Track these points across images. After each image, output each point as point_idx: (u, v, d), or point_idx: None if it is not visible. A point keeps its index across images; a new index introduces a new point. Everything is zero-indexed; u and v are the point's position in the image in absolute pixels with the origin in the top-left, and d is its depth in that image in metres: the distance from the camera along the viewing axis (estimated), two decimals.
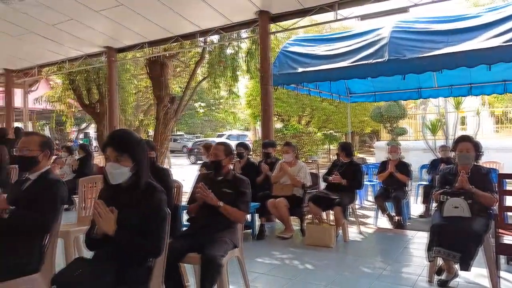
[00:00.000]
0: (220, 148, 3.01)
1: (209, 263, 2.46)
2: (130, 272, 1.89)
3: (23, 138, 2.52)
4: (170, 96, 8.81)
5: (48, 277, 2.44)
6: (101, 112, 10.33)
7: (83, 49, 8.02)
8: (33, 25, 6.80)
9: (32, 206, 2.34)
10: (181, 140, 27.15)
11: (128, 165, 1.96)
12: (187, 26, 6.60)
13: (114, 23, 6.61)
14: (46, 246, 2.44)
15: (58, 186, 2.44)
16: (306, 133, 10.55)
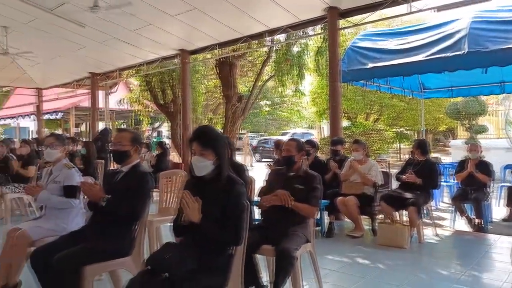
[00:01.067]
0: (292, 144, 3.07)
1: (283, 256, 2.54)
2: (212, 258, 2.02)
3: (117, 134, 2.80)
4: (237, 95, 9.07)
5: (137, 260, 2.70)
6: (174, 112, 10.92)
7: (159, 52, 8.56)
8: (116, 31, 7.41)
9: (125, 196, 2.59)
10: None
11: (211, 158, 2.09)
12: (255, 26, 6.75)
13: (188, 27, 6.97)
14: (136, 233, 2.69)
15: (147, 178, 2.68)
16: (376, 130, 10.21)
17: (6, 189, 5.91)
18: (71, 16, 6.95)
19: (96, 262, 2.45)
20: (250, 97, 9.26)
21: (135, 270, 2.65)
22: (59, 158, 3.39)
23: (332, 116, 5.81)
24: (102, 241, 2.50)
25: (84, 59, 9.51)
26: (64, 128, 25.88)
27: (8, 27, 7.91)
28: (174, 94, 10.88)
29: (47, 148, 3.38)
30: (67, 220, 3.24)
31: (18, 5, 6.76)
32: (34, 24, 7.55)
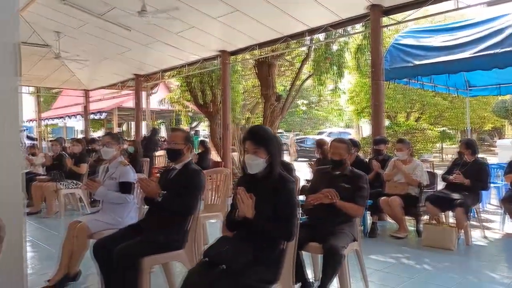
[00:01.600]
0: (342, 146, 3.09)
1: (332, 253, 2.58)
2: (265, 253, 2.10)
3: (171, 133, 2.95)
4: (276, 94, 9.13)
5: (190, 253, 2.83)
6: (213, 111, 11.13)
7: (200, 54, 8.77)
8: (160, 34, 7.68)
9: (179, 192, 2.73)
10: (281, 137, 27.70)
11: (263, 157, 2.17)
12: (296, 25, 6.78)
13: (228, 28, 7.11)
14: (189, 227, 2.82)
15: (199, 175, 2.81)
16: (420, 129, 9.94)
17: (60, 185, 6.30)
18: (118, 20, 7.28)
19: (153, 254, 2.60)
20: (289, 96, 9.31)
21: (188, 263, 2.79)
22: (115, 156, 3.60)
23: (374, 115, 5.75)
24: (158, 234, 2.64)
25: (129, 61, 9.91)
26: (107, 127, 27.00)
27: (60, 32, 8.40)
28: (213, 94, 11.08)
29: (104, 147, 3.60)
30: (122, 214, 3.44)
31: (70, 11, 7.16)
32: (84, 29, 7.98)
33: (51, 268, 3.44)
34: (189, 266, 2.78)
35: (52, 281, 3.22)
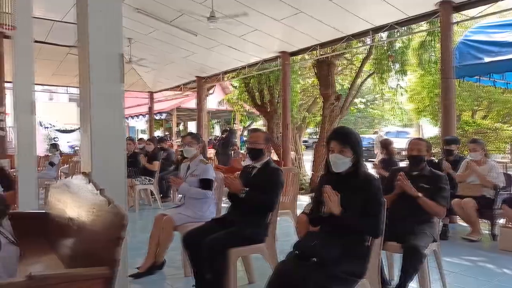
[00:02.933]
0: (422, 143, 3.10)
1: (413, 253, 2.62)
2: (353, 247, 2.20)
3: (253, 133, 3.15)
4: (336, 94, 9.09)
5: (271, 247, 2.99)
6: (271, 112, 11.31)
7: (261, 55, 8.99)
8: (224, 37, 7.99)
9: (261, 189, 2.91)
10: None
11: (349, 156, 2.27)
12: (359, 24, 6.75)
13: (290, 29, 7.23)
14: (269, 222, 2.99)
15: (279, 173, 2.97)
16: (492, 129, 9.37)
17: (135, 181, 6.80)
18: (185, 26, 7.69)
19: (239, 245, 2.80)
20: (348, 96, 9.23)
21: (268, 255, 2.96)
22: (196, 154, 3.87)
23: (444, 114, 5.58)
24: (243, 228, 2.84)
25: (192, 64, 10.37)
26: (165, 127, 28.24)
27: (132, 38, 9.01)
28: (271, 95, 11.26)
29: (186, 146, 3.89)
30: (203, 208, 3.70)
31: (142, 19, 7.67)
32: (153, 35, 8.50)
33: (134, 258, 3.74)
34: (269, 259, 2.96)
35: (142, 269, 3.54)
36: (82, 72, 2.89)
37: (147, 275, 3.50)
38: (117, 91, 2.85)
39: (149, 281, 3.46)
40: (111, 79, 2.83)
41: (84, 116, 2.84)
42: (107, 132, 2.79)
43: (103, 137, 2.77)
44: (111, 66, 2.83)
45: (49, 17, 7.51)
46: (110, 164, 2.79)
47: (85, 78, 2.82)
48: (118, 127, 2.86)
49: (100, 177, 2.63)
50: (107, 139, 2.79)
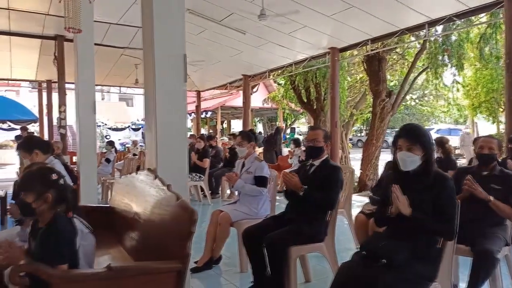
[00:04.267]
0: (493, 141, 2.92)
1: (485, 257, 2.47)
2: (424, 249, 2.11)
3: (312, 131, 3.12)
4: (387, 90, 8.81)
5: (330, 246, 2.95)
6: (318, 109, 11.19)
7: (309, 52, 8.89)
8: (272, 35, 7.98)
9: (320, 186, 2.88)
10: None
11: (419, 154, 2.18)
12: (414, 17, 6.47)
13: (340, 25, 7.08)
14: (329, 221, 2.95)
15: (339, 171, 2.92)
16: None
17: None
18: (234, 25, 7.76)
19: (298, 244, 2.78)
20: (401, 92, 8.91)
21: (328, 255, 2.92)
22: (249, 152, 3.90)
23: (509, 111, 5.23)
24: (303, 226, 2.82)
25: (239, 62, 10.46)
26: (210, 125, 28.75)
27: None
28: (317, 92, 11.14)
29: (238, 146, 3.94)
30: (257, 206, 3.72)
31: (192, 19, 7.84)
32: (203, 35, 8.65)
33: None
34: (329, 258, 2.92)
35: (200, 263, 3.62)
36: (147, 73, 3.00)
37: (205, 269, 3.58)
38: (180, 90, 2.93)
39: (206, 275, 3.53)
40: (174, 79, 2.91)
41: (149, 114, 2.94)
42: (170, 130, 2.88)
43: (167, 134, 2.86)
44: (175, 67, 2.92)
45: (106, 20, 7.87)
46: (173, 160, 2.88)
47: (150, 78, 2.92)
48: (181, 125, 2.94)
49: (164, 173, 2.72)
50: (171, 136, 2.87)
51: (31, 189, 1.85)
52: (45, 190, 1.85)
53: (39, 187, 1.85)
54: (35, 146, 3.25)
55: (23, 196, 1.85)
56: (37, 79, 12.29)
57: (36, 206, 1.83)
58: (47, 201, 1.84)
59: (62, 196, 1.89)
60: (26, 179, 1.97)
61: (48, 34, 8.64)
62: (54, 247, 1.76)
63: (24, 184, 1.93)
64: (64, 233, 1.80)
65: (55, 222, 1.83)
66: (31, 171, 2.00)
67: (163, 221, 2.17)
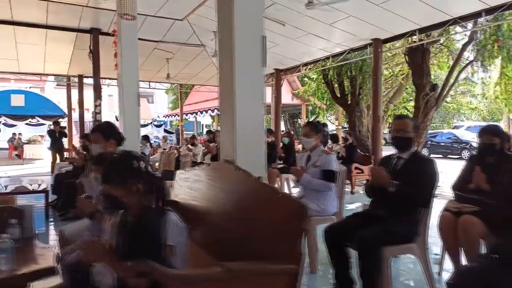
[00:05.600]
0: None
1: None
2: None
3: (399, 121, 2.84)
4: (431, 83, 8.43)
5: (422, 247, 2.68)
6: (352, 103, 10.85)
7: (348, 44, 8.56)
8: (313, 26, 7.70)
9: (411, 182, 2.61)
10: None
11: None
12: (470, 4, 6.09)
13: (387, 13, 6.73)
14: (420, 219, 2.68)
15: (433, 164, 2.64)
16: None
17: None
18: (274, 15, 7.51)
19: (392, 244, 2.53)
20: (446, 85, 8.51)
21: (421, 257, 2.65)
22: (316, 145, 3.65)
23: None
24: (394, 224, 2.56)
25: (272, 56, 10.17)
26: None
27: (216, 31, 9.03)
28: (352, 86, 10.81)
29: (304, 137, 3.68)
30: (326, 202, 3.47)
31: None
32: None
33: None
34: (421, 259, 2.65)
35: None
36: (224, 59, 2.79)
37: None
38: (259, 75, 2.72)
39: None
40: (253, 62, 2.69)
41: (226, 103, 2.73)
42: (249, 118, 2.67)
43: (245, 123, 2.65)
44: (253, 50, 2.70)
45: (144, 12, 7.72)
46: (251, 151, 2.66)
47: (228, 64, 2.71)
48: (259, 113, 2.72)
49: (242, 165, 2.51)
50: (249, 125, 2.66)
51: (120, 180, 1.65)
52: (135, 180, 1.65)
53: (129, 177, 1.65)
54: (113, 135, 3.09)
55: (110, 188, 1.65)
56: (69, 73, 12.28)
57: (126, 199, 1.64)
58: (138, 192, 1.64)
59: (152, 186, 1.68)
60: (113, 169, 1.76)
61: (84, 27, 8.57)
62: (147, 244, 1.56)
63: (112, 174, 1.72)
64: (158, 227, 1.60)
65: (146, 215, 1.64)
66: (117, 161, 1.79)
67: (262, 217, 1.94)
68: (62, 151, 11.64)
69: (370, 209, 2.84)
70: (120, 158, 1.80)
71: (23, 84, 28.25)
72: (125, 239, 1.69)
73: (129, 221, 1.74)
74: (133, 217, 1.73)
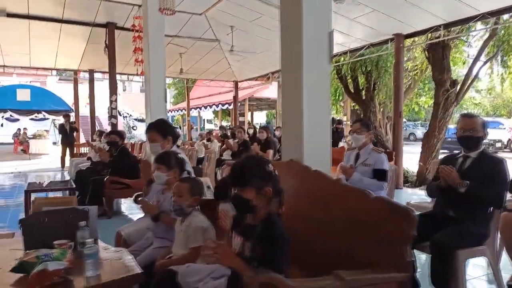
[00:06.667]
0: None
1: None
2: None
3: (466, 120, 2.75)
4: (451, 79, 8.34)
5: (493, 249, 2.61)
6: (367, 99, 10.76)
7: (368, 39, 8.46)
8: (335, 21, 7.57)
9: (483, 181, 2.53)
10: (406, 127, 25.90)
11: None
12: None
13: (412, 8, 6.63)
14: (491, 221, 2.61)
15: (503, 163, 2.57)
16: None
17: None
18: None
19: (466, 246, 2.45)
20: (466, 80, 8.43)
21: (493, 260, 2.58)
22: (365, 142, 3.57)
23: None
24: (469, 225, 2.49)
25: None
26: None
27: (233, 26, 8.92)
28: (368, 82, 10.70)
29: (354, 134, 3.60)
30: None
31: (252, 4, 7.51)
32: (258, 22, 8.32)
33: None
34: (493, 264, 2.58)
35: None
36: (290, 56, 2.71)
37: None
38: (325, 72, 2.63)
39: None
40: (321, 59, 2.61)
41: (291, 100, 2.64)
42: (316, 115, 2.59)
43: (313, 120, 2.57)
44: (321, 45, 2.61)
45: None
46: (318, 149, 2.59)
47: (295, 61, 2.62)
48: (325, 109, 2.64)
49: (310, 165, 2.42)
50: (316, 121, 2.58)
51: (252, 183, 1.57)
52: (264, 183, 1.57)
53: (260, 180, 1.57)
54: (171, 132, 2.99)
55: (243, 191, 1.57)
56: (79, 68, 12.13)
57: (256, 202, 1.56)
58: (266, 197, 1.57)
59: (278, 192, 1.61)
60: (250, 171, 1.63)
61: (99, 22, 8.43)
62: (276, 252, 1.49)
63: (248, 177, 1.61)
64: (284, 235, 1.53)
65: (272, 221, 1.56)
66: (254, 163, 1.65)
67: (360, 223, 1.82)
68: (73, 146, 11.52)
69: (437, 209, 2.77)
70: (257, 161, 1.69)
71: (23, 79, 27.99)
72: (254, 244, 1.59)
73: (250, 225, 1.65)
74: (254, 221, 1.64)
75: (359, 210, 1.84)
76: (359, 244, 1.75)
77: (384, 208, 1.75)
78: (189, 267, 1.92)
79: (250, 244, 1.56)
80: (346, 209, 1.91)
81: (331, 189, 2.09)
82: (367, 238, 1.74)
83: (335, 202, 2.01)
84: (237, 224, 1.73)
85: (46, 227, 2.19)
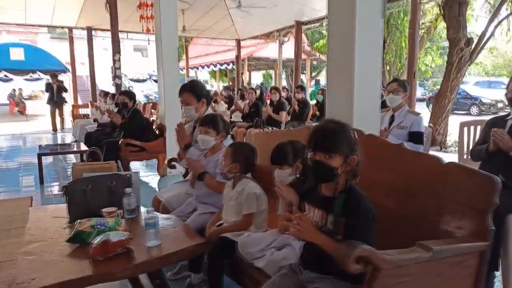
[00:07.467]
0: None
1: None
2: None
3: None
4: (466, 37, 8.08)
5: None
6: None
7: None
8: None
9: None
10: None
11: None
12: None
13: None
14: None
15: None
16: None
17: (262, 131, 6.57)
18: None
19: None
20: (481, 38, 8.18)
21: None
22: (401, 104, 3.44)
23: None
24: None
25: (296, 7, 9.67)
26: (229, 77, 27.93)
27: None
28: None
29: (390, 94, 3.45)
30: None
31: None
32: None
33: None
34: None
35: None
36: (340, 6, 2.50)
37: None
38: (378, 26, 2.44)
39: None
40: (374, 11, 2.41)
41: (342, 57, 2.47)
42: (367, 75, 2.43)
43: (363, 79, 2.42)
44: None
45: None
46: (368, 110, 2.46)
47: (346, 12, 2.42)
48: (376, 70, 2.48)
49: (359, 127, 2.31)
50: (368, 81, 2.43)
51: (341, 150, 1.45)
52: (350, 151, 1.46)
53: (346, 148, 1.45)
54: (205, 95, 2.82)
55: (330, 158, 1.44)
56: (77, 26, 11.60)
57: (341, 170, 1.45)
58: (350, 165, 1.46)
59: (358, 160, 1.50)
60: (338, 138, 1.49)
61: None
62: (364, 225, 1.40)
63: (335, 143, 1.47)
64: (370, 207, 1.44)
65: (356, 192, 1.46)
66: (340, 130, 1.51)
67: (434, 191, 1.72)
68: (61, 106, 11.13)
69: None
70: (344, 127, 1.53)
71: (13, 36, 26.86)
72: (336, 216, 1.47)
73: (330, 196, 1.51)
74: (329, 192, 1.52)
75: (434, 176, 1.74)
76: (439, 214, 1.67)
77: (461, 173, 1.66)
78: (249, 237, 1.84)
79: (332, 217, 1.46)
80: (420, 175, 1.80)
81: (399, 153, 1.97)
82: (446, 206, 1.66)
83: (400, 166, 1.91)
84: (307, 195, 1.61)
85: (89, 194, 2.09)
